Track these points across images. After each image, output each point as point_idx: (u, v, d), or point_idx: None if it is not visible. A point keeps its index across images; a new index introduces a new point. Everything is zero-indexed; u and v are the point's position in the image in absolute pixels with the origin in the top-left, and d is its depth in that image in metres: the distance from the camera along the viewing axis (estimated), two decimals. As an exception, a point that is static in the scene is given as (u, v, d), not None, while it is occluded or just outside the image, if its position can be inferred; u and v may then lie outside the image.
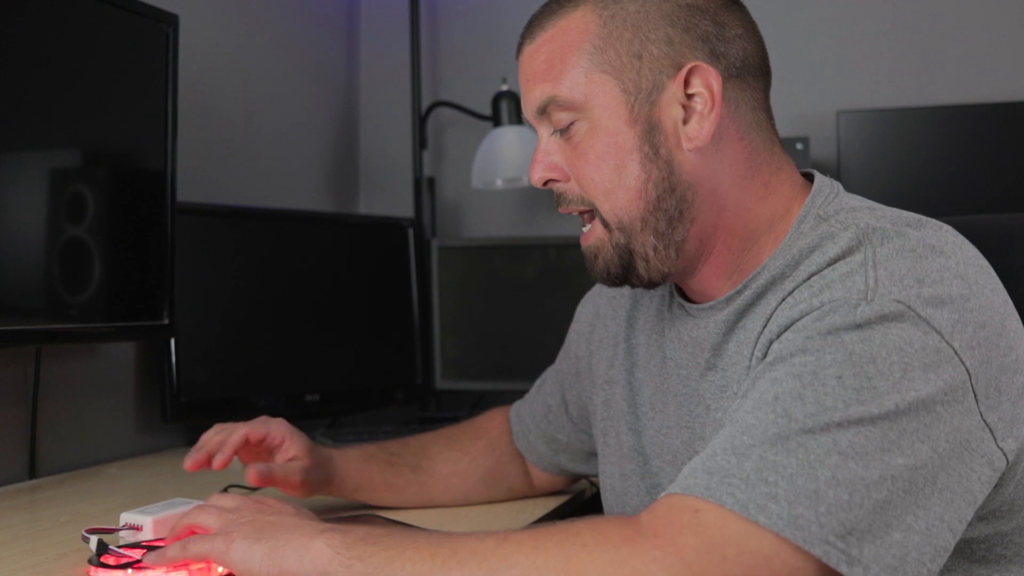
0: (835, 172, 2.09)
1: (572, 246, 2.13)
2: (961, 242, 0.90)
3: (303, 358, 1.90)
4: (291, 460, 1.21)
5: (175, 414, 1.71)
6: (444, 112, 2.41)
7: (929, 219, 0.94)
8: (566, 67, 0.95)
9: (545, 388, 1.31)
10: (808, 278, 0.89)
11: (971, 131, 2.04)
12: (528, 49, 0.99)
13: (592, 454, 1.26)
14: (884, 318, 0.81)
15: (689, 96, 0.94)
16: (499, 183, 2.23)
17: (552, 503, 1.34)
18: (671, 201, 0.95)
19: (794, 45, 2.19)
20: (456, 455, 1.31)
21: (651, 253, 0.96)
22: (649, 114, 0.94)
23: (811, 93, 2.18)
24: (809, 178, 1.01)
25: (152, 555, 0.94)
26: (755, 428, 0.80)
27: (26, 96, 1.31)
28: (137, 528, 1.08)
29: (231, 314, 1.81)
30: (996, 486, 0.85)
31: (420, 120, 2.34)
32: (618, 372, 1.13)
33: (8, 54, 1.28)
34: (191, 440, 1.82)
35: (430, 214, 2.30)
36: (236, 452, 1.19)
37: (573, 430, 1.27)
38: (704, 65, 0.93)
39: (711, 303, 1.00)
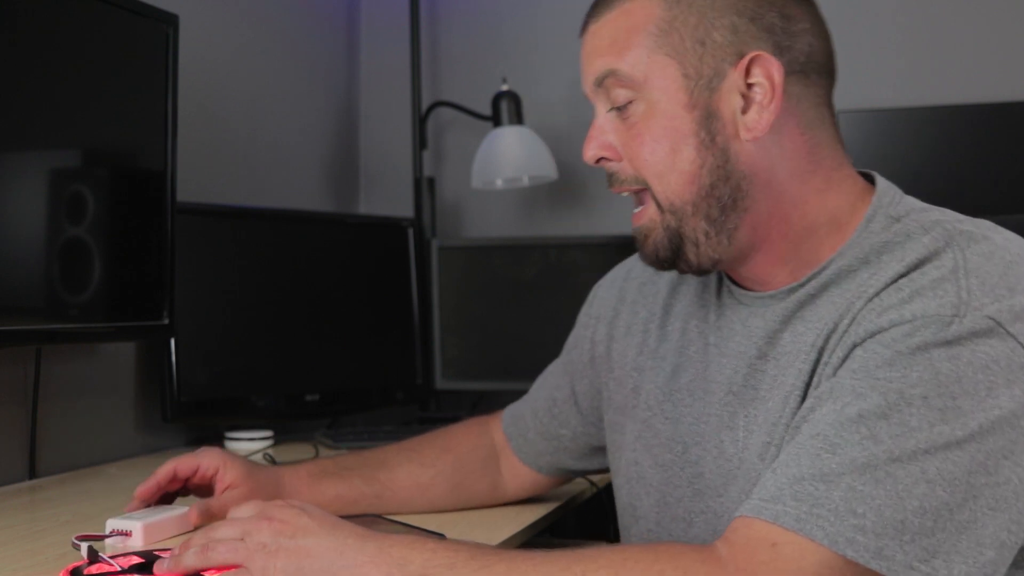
0: (835, 172, 2.09)
1: (572, 246, 2.14)
2: None
3: (303, 358, 1.90)
4: (228, 489, 1.14)
5: (175, 414, 1.71)
6: (444, 112, 2.41)
7: (983, 220, 0.94)
8: (629, 45, 0.96)
9: (549, 382, 1.28)
10: (895, 279, 0.89)
11: (971, 131, 2.03)
12: (592, 27, 1.00)
13: (596, 448, 1.24)
14: (974, 335, 0.82)
15: (749, 86, 0.94)
16: (499, 183, 2.23)
17: (549, 506, 1.31)
18: (725, 189, 0.95)
19: (794, 45, 2.18)
20: (418, 468, 1.25)
21: (702, 239, 0.96)
22: (708, 101, 0.94)
23: (811, 93, 2.17)
24: (868, 178, 1.02)
25: None
26: (841, 449, 0.80)
27: (26, 96, 1.31)
28: (126, 534, 1.04)
29: (231, 314, 1.81)
30: None
31: (420, 120, 2.34)
32: (648, 359, 1.11)
33: (8, 53, 1.28)
34: (191, 440, 1.83)
35: (430, 214, 2.30)
36: (161, 488, 1.15)
37: (580, 423, 1.23)
38: (766, 55, 0.94)
39: (770, 292, 0.99)
